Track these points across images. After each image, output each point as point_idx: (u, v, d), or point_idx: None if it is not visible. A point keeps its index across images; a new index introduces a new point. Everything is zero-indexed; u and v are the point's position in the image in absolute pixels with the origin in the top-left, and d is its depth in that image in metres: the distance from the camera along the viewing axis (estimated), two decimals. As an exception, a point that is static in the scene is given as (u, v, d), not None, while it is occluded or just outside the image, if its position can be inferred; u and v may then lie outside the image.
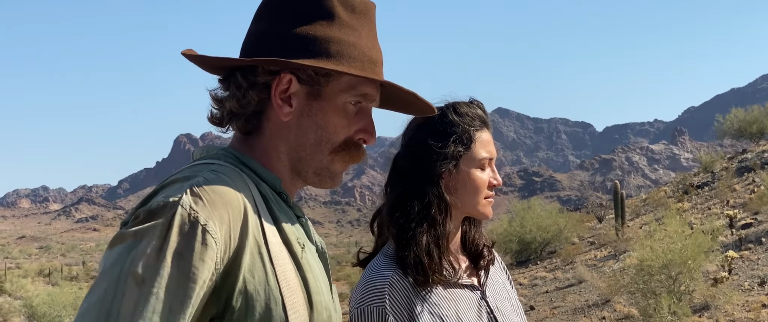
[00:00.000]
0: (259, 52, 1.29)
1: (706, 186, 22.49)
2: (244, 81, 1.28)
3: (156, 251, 1.08)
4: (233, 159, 1.28)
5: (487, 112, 1.95)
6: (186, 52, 1.33)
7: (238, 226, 1.16)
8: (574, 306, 12.27)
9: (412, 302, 1.75)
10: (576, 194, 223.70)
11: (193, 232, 1.10)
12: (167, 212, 1.11)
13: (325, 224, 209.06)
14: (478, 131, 1.86)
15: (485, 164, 1.86)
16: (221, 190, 1.16)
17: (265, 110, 1.30)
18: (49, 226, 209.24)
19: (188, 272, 1.09)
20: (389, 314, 1.73)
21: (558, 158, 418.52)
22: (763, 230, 13.71)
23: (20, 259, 62.65)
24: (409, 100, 1.42)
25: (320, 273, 1.32)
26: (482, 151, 1.85)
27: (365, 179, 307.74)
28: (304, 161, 1.32)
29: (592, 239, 19.83)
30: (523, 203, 21.97)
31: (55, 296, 20.34)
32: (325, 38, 1.29)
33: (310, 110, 1.30)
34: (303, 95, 1.30)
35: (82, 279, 37.23)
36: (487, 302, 1.86)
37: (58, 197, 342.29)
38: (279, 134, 1.31)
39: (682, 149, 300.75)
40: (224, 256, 1.13)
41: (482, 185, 1.85)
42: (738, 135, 28.54)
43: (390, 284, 1.75)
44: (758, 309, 9.52)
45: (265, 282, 1.17)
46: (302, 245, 1.28)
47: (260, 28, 1.32)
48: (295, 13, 1.30)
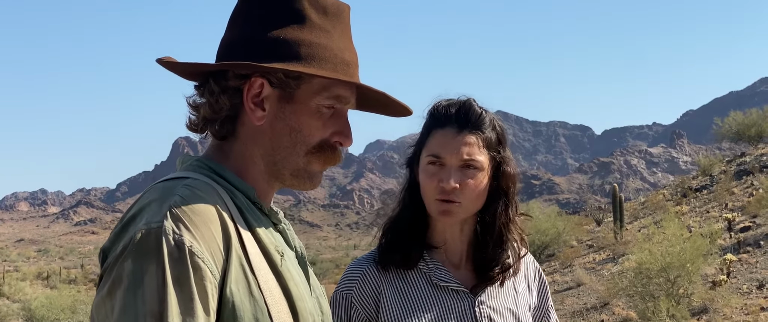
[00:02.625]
0: (231, 57, 1.29)
1: (705, 189, 22.51)
2: (216, 86, 1.28)
3: (160, 284, 1.10)
4: (207, 170, 1.29)
5: (470, 112, 1.83)
6: (161, 60, 1.32)
7: (221, 241, 1.17)
8: (573, 309, 12.27)
9: (380, 294, 1.79)
10: (575, 198, 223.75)
11: (182, 256, 1.11)
12: (153, 243, 1.12)
13: (324, 227, 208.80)
14: (439, 128, 1.82)
15: (437, 162, 1.80)
16: (199, 208, 1.16)
17: (239, 115, 1.30)
18: (48, 229, 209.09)
19: (191, 293, 1.11)
20: (354, 302, 1.80)
21: (557, 161, 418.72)
22: (761, 233, 13.71)
23: (19, 262, 62.60)
24: (384, 101, 1.42)
25: (301, 279, 1.32)
26: (433, 148, 1.81)
27: (364, 182, 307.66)
28: (280, 163, 1.32)
29: (591, 242, 19.84)
30: (522, 206, 21.93)
31: (53, 300, 20.30)
32: (295, 41, 1.29)
33: (283, 113, 1.30)
34: (275, 99, 1.30)
35: (81, 282, 37.17)
36: (474, 313, 1.81)
37: (57, 200, 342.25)
38: (253, 139, 1.31)
39: (680, 153, 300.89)
40: (216, 271, 1.15)
41: (426, 185, 1.81)
42: (736, 138, 28.57)
43: (362, 273, 1.83)
44: (757, 312, 9.53)
45: (249, 294, 1.18)
46: (281, 253, 1.28)
47: (233, 33, 1.33)
48: (265, 17, 1.30)
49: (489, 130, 1.83)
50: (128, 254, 1.12)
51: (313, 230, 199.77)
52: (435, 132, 1.82)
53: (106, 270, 1.14)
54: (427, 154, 1.81)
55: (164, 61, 1.32)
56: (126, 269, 1.11)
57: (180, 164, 1.34)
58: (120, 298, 1.10)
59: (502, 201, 1.86)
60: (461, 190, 1.78)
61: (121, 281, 1.10)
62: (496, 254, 1.86)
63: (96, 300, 1.14)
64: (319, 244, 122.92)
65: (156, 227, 1.13)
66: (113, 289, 1.11)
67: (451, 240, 1.87)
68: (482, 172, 1.81)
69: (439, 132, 1.81)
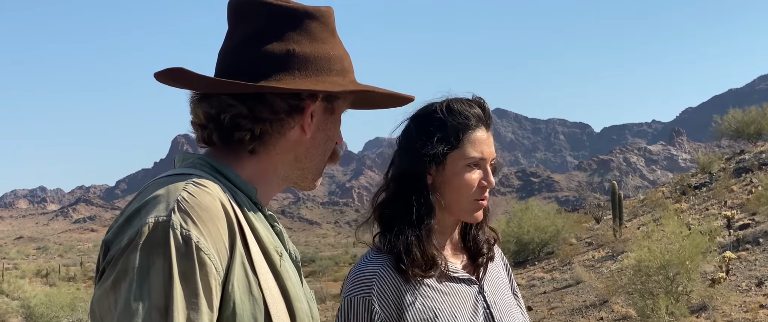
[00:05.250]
0: (272, 72, 1.30)
1: (704, 187, 22.51)
2: (284, 104, 1.29)
3: (166, 279, 1.09)
4: (209, 168, 1.28)
5: (489, 110, 1.88)
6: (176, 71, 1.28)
7: (226, 238, 1.17)
8: (572, 307, 12.28)
9: (401, 294, 1.76)
10: (574, 195, 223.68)
11: (188, 251, 1.11)
12: (160, 236, 1.11)
13: (323, 224, 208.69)
14: (471, 130, 1.81)
15: (475, 164, 1.81)
16: (206, 204, 1.16)
17: (283, 127, 1.32)
18: (47, 226, 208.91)
19: (196, 289, 1.11)
20: (375, 304, 1.74)
21: (556, 159, 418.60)
22: (760, 230, 13.72)
23: (18, 259, 62.51)
24: (387, 98, 1.48)
25: (297, 281, 1.33)
26: (472, 151, 1.80)
27: (363, 180, 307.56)
28: (308, 169, 1.38)
29: (590, 239, 19.84)
30: (521, 204, 21.98)
31: (52, 297, 20.26)
32: (337, 57, 1.36)
33: (325, 125, 1.37)
34: (321, 112, 1.36)
35: (80, 280, 37.13)
36: (484, 297, 1.86)
37: (56, 198, 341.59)
38: (288, 148, 1.34)
39: (679, 150, 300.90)
40: (220, 267, 1.15)
41: (469, 186, 1.80)
42: (736, 136, 28.56)
43: (379, 275, 1.77)
44: (756, 310, 9.54)
45: (250, 292, 1.19)
46: (280, 253, 1.29)
47: (268, 47, 1.32)
48: (307, 33, 1.34)
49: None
50: (134, 247, 1.11)
51: (312, 227, 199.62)
52: (472, 132, 1.81)
53: (109, 263, 1.13)
54: (469, 157, 1.80)
55: (189, 76, 1.29)
56: (132, 262, 1.10)
57: (180, 161, 1.33)
58: (125, 291, 1.09)
59: None
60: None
61: (127, 274, 1.10)
62: (481, 240, 1.93)
63: (98, 293, 1.13)
64: (318, 241, 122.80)
65: (164, 220, 1.12)
66: (118, 282, 1.10)
67: (455, 234, 1.92)
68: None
69: (477, 133, 1.82)
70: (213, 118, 1.30)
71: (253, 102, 1.29)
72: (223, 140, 1.31)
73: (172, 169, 1.30)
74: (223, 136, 1.31)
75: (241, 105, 1.29)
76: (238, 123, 1.29)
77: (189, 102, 1.35)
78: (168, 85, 1.34)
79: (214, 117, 1.30)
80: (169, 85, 1.34)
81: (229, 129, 1.30)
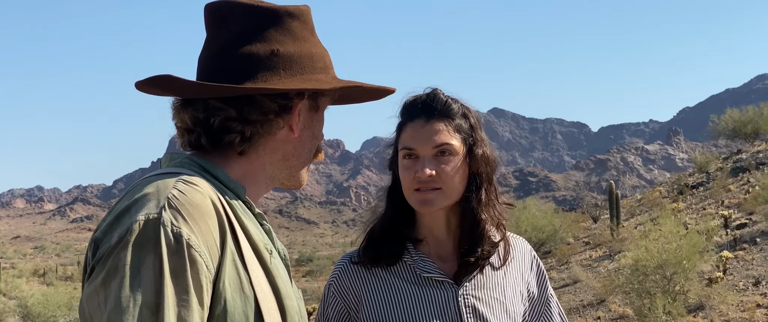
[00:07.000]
0: (259, 72, 1.31)
1: (701, 186, 22.54)
2: (273, 104, 1.30)
3: (157, 276, 1.09)
4: (198, 167, 1.29)
5: (438, 99, 1.84)
6: (163, 78, 1.28)
7: (217, 236, 1.17)
8: (570, 306, 12.29)
9: (360, 286, 1.83)
10: (571, 195, 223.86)
11: (179, 248, 1.11)
12: (151, 234, 1.11)
13: (321, 224, 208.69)
14: (408, 121, 1.84)
15: (408, 154, 1.81)
16: (196, 202, 1.16)
17: (271, 127, 1.33)
18: (44, 226, 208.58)
19: (187, 286, 1.11)
20: (334, 293, 1.86)
21: (553, 158, 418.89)
22: (757, 230, 13.75)
23: (15, 259, 62.41)
24: (368, 92, 1.50)
25: (287, 279, 1.33)
26: (405, 141, 1.83)
27: (361, 179, 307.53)
28: (294, 167, 1.39)
29: (588, 239, 19.87)
30: (519, 203, 21.97)
31: (49, 296, 20.25)
32: (319, 55, 1.38)
33: (311, 123, 1.39)
34: (306, 110, 1.37)
35: (77, 279, 37.07)
36: (458, 301, 1.80)
37: (53, 197, 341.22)
38: (276, 148, 1.35)
39: (677, 150, 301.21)
40: (211, 265, 1.15)
41: (404, 176, 1.82)
42: (733, 135, 28.62)
43: (343, 266, 1.88)
44: (752, 309, 9.55)
45: (241, 289, 1.19)
46: (270, 251, 1.29)
47: (251, 49, 1.32)
48: (289, 32, 1.35)
49: (458, 116, 1.83)
50: (125, 245, 1.11)
51: (309, 227, 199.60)
52: (405, 126, 1.84)
53: (99, 260, 1.13)
54: (401, 148, 1.83)
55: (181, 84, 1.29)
56: (122, 260, 1.10)
57: (168, 161, 1.33)
58: (115, 288, 1.09)
59: (475, 183, 1.84)
60: (439, 176, 1.78)
61: (117, 272, 1.09)
62: (473, 239, 1.85)
63: (88, 290, 1.13)
64: (315, 241, 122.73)
65: (154, 218, 1.12)
66: (108, 279, 1.10)
67: (439, 233, 1.87)
68: (457, 156, 1.80)
69: (409, 125, 1.83)
70: (201, 122, 1.30)
71: (241, 104, 1.29)
72: (213, 144, 1.31)
73: (158, 169, 1.30)
74: (212, 140, 1.31)
75: (229, 108, 1.29)
76: (228, 126, 1.29)
77: (171, 108, 1.35)
78: (151, 93, 1.34)
79: (203, 121, 1.30)
80: (151, 93, 1.34)
81: (218, 132, 1.30)
